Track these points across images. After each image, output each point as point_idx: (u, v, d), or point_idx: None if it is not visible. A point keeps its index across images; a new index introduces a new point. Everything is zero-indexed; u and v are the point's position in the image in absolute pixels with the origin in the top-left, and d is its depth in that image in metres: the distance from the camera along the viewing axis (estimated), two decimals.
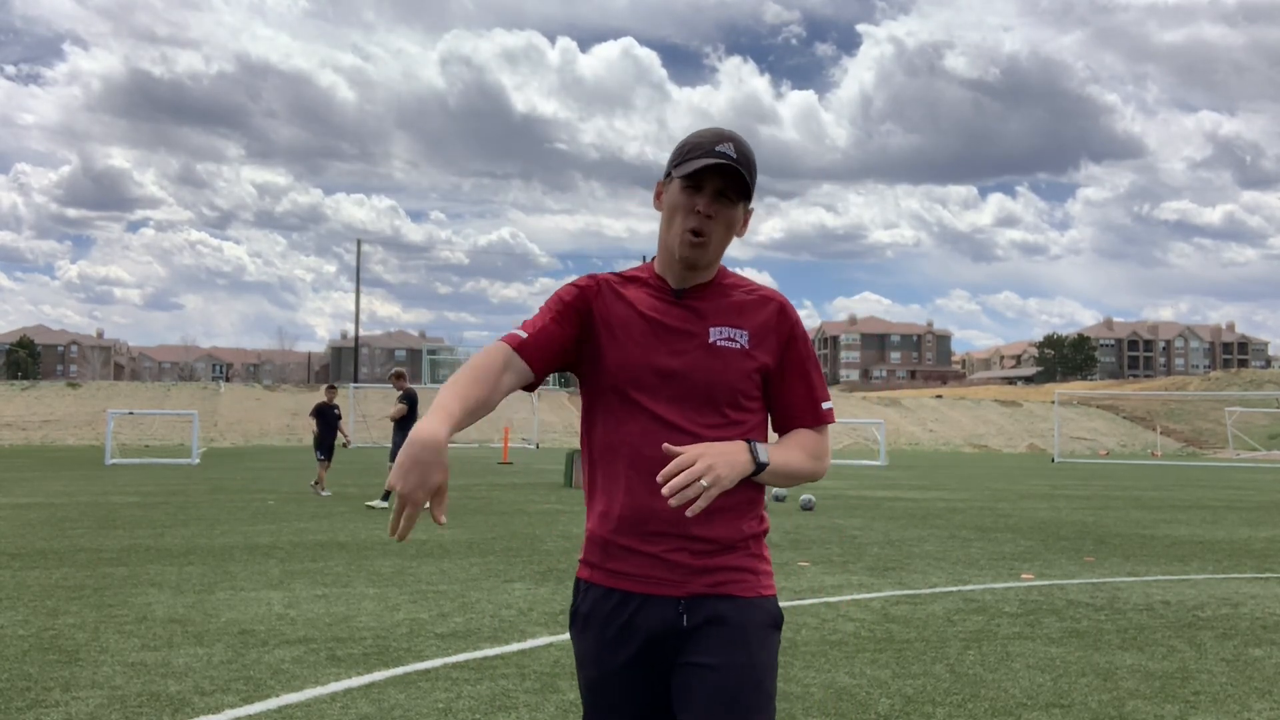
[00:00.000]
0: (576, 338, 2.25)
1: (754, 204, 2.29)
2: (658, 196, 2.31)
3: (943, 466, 39.43)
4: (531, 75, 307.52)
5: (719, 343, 2.23)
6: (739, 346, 2.23)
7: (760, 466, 2.15)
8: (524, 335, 2.20)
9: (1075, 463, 47.19)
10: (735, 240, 2.27)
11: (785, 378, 2.29)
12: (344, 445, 19.61)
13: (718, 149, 2.17)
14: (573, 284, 2.31)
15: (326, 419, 18.81)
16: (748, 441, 2.16)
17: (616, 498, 2.20)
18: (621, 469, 2.20)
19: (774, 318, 2.27)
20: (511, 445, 51.09)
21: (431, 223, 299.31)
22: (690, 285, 2.28)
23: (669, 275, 2.29)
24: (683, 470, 2.02)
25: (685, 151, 2.22)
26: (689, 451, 2.05)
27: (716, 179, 2.18)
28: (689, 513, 2.01)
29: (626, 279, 2.33)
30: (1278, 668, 5.92)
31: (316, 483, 19.01)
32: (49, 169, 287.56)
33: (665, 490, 1.99)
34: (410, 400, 16.12)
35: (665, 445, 2.08)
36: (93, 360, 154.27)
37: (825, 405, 2.32)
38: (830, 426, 2.33)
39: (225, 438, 62.82)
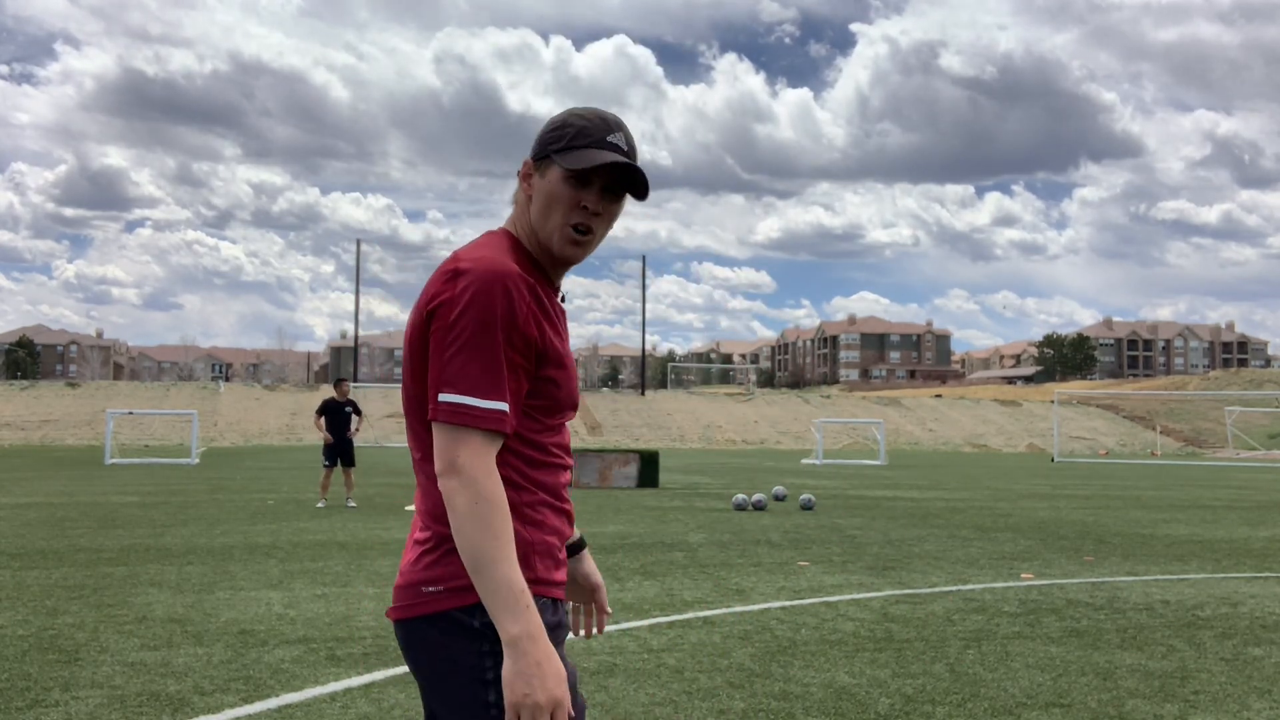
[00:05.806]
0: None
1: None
2: (526, 177, 1.97)
3: (942, 466, 39.43)
4: (526, 74, 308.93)
5: None
6: None
7: None
8: (507, 431, 1.82)
9: (1075, 462, 47.19)
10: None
11: None
12: (351, 434, 16.66)
13: (609, 140, 1.92)
14: (518, 295, 1.82)
15: (335, 418, 16.52)
16: None
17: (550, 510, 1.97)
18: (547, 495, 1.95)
19: None
20: None
21: (429, 222, 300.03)
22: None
23: (551, 271, 1.99)
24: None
25: (571, 137, 1.92)
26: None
27: (609, 175, 1.92)
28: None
29: (532, 278, 1.92)
30: (1277, 667, 5.92)
31: (328, 493, 16.80)
32: (45, 168, 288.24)
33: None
34: None
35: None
36: (92, 360, 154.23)
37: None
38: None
39: (225, 437, 62.83)
